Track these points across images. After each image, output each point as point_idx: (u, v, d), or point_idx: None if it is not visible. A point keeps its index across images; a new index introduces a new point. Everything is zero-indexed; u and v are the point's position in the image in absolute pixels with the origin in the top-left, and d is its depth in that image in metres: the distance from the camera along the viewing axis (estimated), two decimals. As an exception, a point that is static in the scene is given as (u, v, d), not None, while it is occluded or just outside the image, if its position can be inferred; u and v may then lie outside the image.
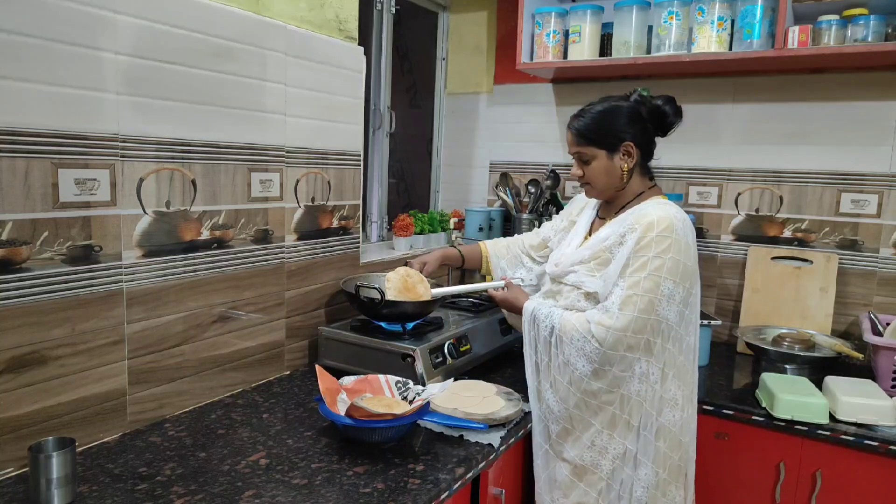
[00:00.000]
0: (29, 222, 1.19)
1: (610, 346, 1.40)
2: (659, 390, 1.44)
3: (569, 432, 1.49)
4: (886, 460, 1.61)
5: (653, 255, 1.38)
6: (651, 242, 1.39)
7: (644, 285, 1.38)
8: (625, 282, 1.40)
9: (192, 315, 1.55)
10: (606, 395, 1.45)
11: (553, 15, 2.37)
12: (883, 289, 2.15)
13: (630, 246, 1.41)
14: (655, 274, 1.38)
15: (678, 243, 1.39)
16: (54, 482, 1.09)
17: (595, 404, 1.46)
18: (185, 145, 1.48)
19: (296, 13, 1.75)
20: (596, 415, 1.46)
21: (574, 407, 1.47)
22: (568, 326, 1.45)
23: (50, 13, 1.18)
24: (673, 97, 1.52)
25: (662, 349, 1.43)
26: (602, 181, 1.53)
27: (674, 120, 1.51)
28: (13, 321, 1.19)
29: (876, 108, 2.12)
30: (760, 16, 2.01)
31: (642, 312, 1.38)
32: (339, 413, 1.36)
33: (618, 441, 1.46)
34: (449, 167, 3.00)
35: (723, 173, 2.39)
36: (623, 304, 1.39)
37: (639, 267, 1.39)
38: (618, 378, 1.44)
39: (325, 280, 1.97)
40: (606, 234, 1.50)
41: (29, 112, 1.17)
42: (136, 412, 1.44)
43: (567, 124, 1.56)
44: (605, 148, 1.50)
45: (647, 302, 1.38)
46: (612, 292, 1.42)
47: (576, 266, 1.54)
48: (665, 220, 1.40)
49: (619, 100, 1.52)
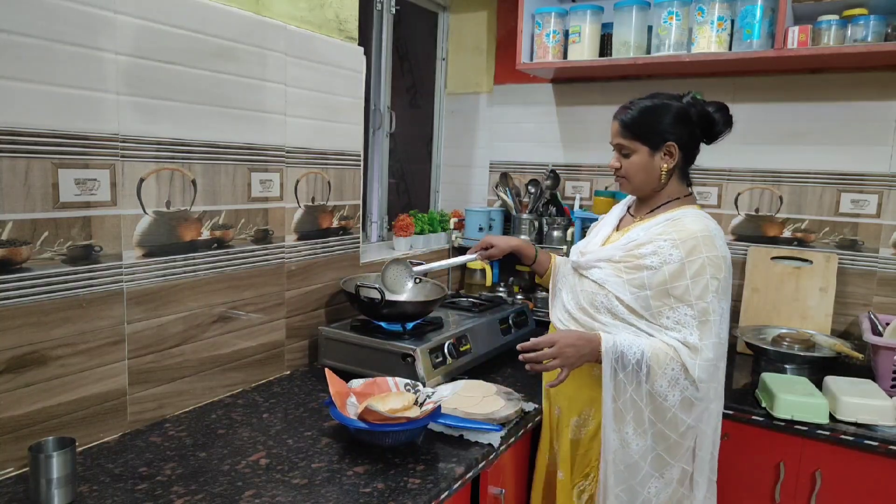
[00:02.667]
0: (29, 222, 1.19)
1: (705, 380, 1.37)
2: (713, 409, 1.44)
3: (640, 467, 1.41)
4: (886, 460, 1.60)
5: (710, 277, 1.37)
6: (706, 265, 1.37)
7: (712, 308, 1.37)
8: (693, 309, 1.37)
9: (192, 315, 1.55)
10: (686, 430, 1.41)
11: (553, 15, 2.37)
12: (883, 289, 2.15)
13: (676, 265, 1.37)
14: (715, 295, 1.37)
15: (726, 261, 1.40)
16: (54, 482, 1.09)
17: (674, 439, 1.40)
18: (185, 145, 1.48)
19: (296, 13, 1.75)
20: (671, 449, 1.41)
21: (655, 442, 1.41)
22: (661, 355, 1.37)
23: (50, 13, 1.18)
24: (726, 106, 1.48)
25: (716, 368, 1.42)
26: (639, 177, 1.48)
27: (722, 129, 1.47)
28: (13, 321, 1.19)
29: (875, 108, 2.12)
30: (760, 16, 2.01)
31: (717, 336, 1.38)
32: (350, 416, 1.36)
33: (676, 466, 1.43)
34: (449, 167, 3.00)
35: (722, 173, 2.39)
36: (702, 334, 1.37)
37: (702, 292, 1.36)
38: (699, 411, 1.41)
39: (325, 280, 1.97)
40: (638, 235, 1.46)
41: (29, 112, 1.17)
42: (136, 412, 1.44)
43: (613, 114, 1.50)
44: (647, 144, 1.45)
45: (718, 325, 1.38)
46: (680, 322, 1.38)
47: (602, 262, 1.49)
48: (709, 238, 1.39)
49: (670, 98, 1.48)
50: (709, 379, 1.38)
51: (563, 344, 1.39)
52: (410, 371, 1.67)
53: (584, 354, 1.39)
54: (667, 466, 1.42)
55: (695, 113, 1.46)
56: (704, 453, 1.44)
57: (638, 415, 1.40)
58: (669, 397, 1.38)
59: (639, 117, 1.46)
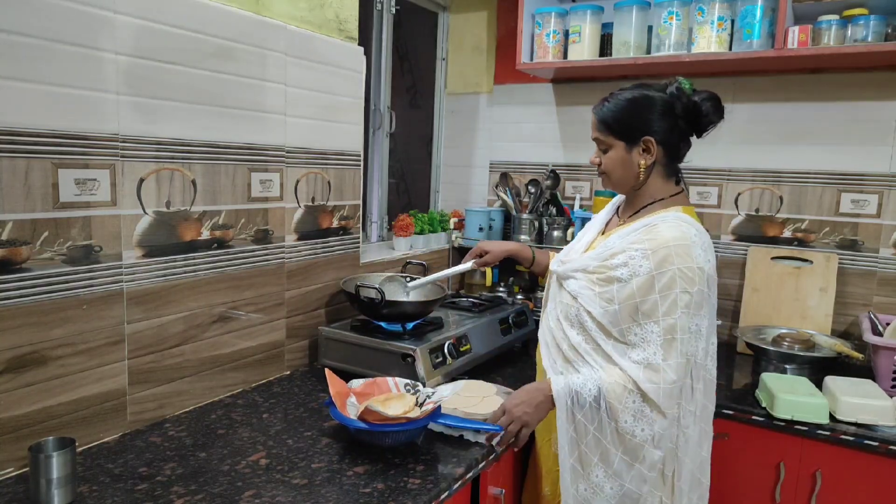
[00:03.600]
0: (29, 222, 1.19)
1: (666, 404, 1.28)
2: (685, 432, 1.35)
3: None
4: (886, 460, 1.60)
5: (680, 291, 1.27)
6: (676, 277, 1.27)
7: (680, 325, 1.27)
8: (659, 326, 1.28)
9: (192, 315, 1.55)
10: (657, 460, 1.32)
11: (553, 15, 2.37)
12: (883, 289, 2.15)
13: (645, 277, 1.29)
14: (685, 311, 1.27)
15: (701, 272, 1.28)
16: (54, 482, 1.09)
17: (652, 476, 1.32)
18: (185, 145, 1.48)
19: (296, 13, 1.75)
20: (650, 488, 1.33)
21: (630, 482, 1.32)
22: (617, 389, 1.30)
23: (50, 13, 1.18)
24: (717, 95, 1.37)
25: (692, 390, 1.34)
26: (617, 173, 1.41)
27: (712, 119, 1.37)
28: (13, 321, 1.19)
29: (876, 108, 2.12)
30: (760, 16, 2.01)
31: (683, 356, 1.29)
32: (350, 417, 1.36)
33: (656, 495, 1.35)
34: (449, 167, 3.00)
35: (723, 173, 2.39)
36: (666, 353, 1.28)
37: (669, 308, 1.27)
38: (671, 437, 1.32)
39: (325, 280, 1.97)
40: (615, 243, 1.37)
41: (29, 112, 1.17)
42: (136, 412, 1.44)
43: (593, 107, 1.44)
44: (623, 139, 1.37)
45: (685, 343, 1.28)
46: (646, 339, 1.29)
47: (578, 273, 1.42)
48: (684, 248, 1.28)
49: (653, 89, 1.38)
50: (669, 403, 1.29)
51: (512, 406, 1.39)
52: (410, 371, 1.67)
53: (539, 403, 1.38)
54: (639, 500, 1.34)
55: (679, 105, 1.35)
56: (683, 483, 1.36)
57: (604, 455, 1.32)
58: (637, 433, 1.30)
59: (616, 111, 1.38)
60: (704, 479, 1.43)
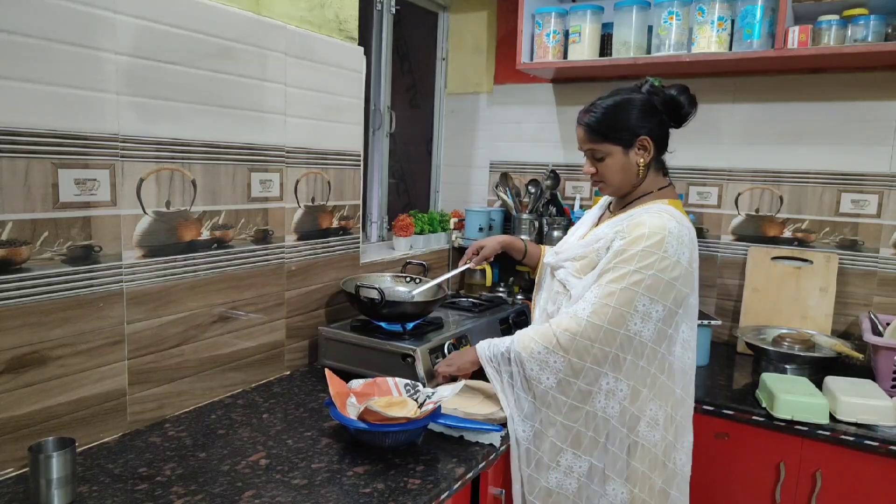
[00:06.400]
0: (29, 222, 1.19)
1: (576, 355, 1.35)
2: (630, 408, 1.38)
3: (533, 454, 1.42)
4: (886, 460, 1.60)
5: (633, 269, 1.33)
6: (635, 256, 1.33)
7: (619, 297, 1.33)
8: (600, 290, 1.35)
9: (192, 315, 1.55)
10: (571, 413, 1.39)
11: (553, 15, 2.37)
12: (883, 289, 2.15)
13: (612, 252, 1.37)
14: (632, 288, 1.32)
15: (665, 261, 1.33)
16: (54, 482, 1.09)
17: (560, 422, 1.39)
18: (185, 145, 1.48)
19: (296, 13, 1.75)
20: (560, 434, 1.40)
21: (539, 424, 1.41)
22: (526, 341, 1.40)
23: (49, 13, 1.18)
24: (686, 86, 1.45)
25: (634, 366, 1.37)
26: (617, 178, 1.46)
27: (689, 110, 1.44)
28: (13, 321, 1.19)
29: (876, 108, 2.12)
30: (760, 16, 2.01)
31: (612, 325, 1.33)
32: (350, 417, 1.36)
33: (583, 458, 1.40)
34: (449, 167, 3.00)
35: (723, 173, 2.39)
36: (593, 313, 1.34)
37: (616, 278, 1.34)
38: (583, 392, 1.38)
39: (325, 280, 1.97)
40: (604, 233, 1.45)
41: (29, 112, 1.17)
42: (136, 412, 1.44)
43: (577, 119, 1.49)
44: (619, 143, 1.42)
45: (618, 315, 1.33)
46: (585, 297, 1.38)
47: (568, 262, 1.49)
48: (657, 234, 1.34)
49: (629, 91, 1.44)
50: (579, 355, 1.35)
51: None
52: (410, 371, 1.67)
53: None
54: (561, 453, 1.40)
55: (658, 101, 1.43)
56: (617, 449, 1.38)
57: (519, 402, 1.43)
58: (543, 380, 1.39)
59: (604, 118, 1.43)
60: (671, 465, 1.42)
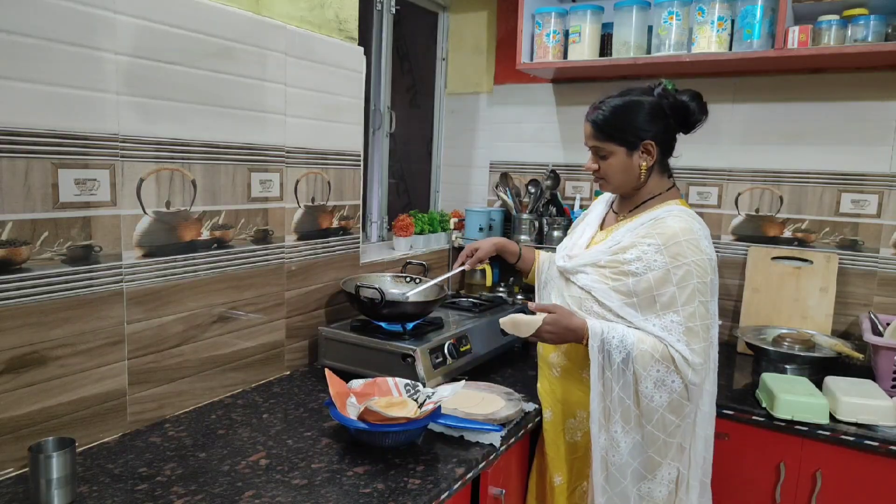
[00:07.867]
0: (29, 222, 1.19)
1: (697, 382, 1.37)
2: (706, 411, 1.45)
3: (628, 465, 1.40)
4: (886, 460, 1.60)
5: (697, 282, 1.35)
6: (692, 271, 1.35)
7: (699, 313, 1.36)
8: (679, 316, 1.35)
9: (192, 315, 1.55)
10: (675, 429, 1.40)
11: (553, 15, 2.37)
12: (883, 289, 2.15)
13: (661, 271, 1.35)
14: (703, 300, 1.36)
15: (711, 262, 1.38)
16: (54, 482, 1.09)
17: (664, 439, 1.39)
18: (185, 145, 1.48)
19: (296, 13, 1.75)
20: (661, 450, 1.40)
21: (643, 439, 1.39)
22: (646, 357, 1.35)
23: (49, 13, 1.18)
24: (699, 93, 1.45)
25: (708, 370, 1.43)
26: (618, 178, 1.46)
27: (699, 117, 1.44)
28: (13, 321, 1.19)
29: (876, 108, 2.12)
30: (760, 16, 2.01)
31: (705, 340, 1.37)
32: (350, 417, 1.36)
33: (672, 465, 1.42)
34: (449, 167, 3.00)
35: (723, 173, 2.38)
36: (691, 340, 1.35)
37: (688, 298, 1.35)
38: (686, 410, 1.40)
39: (325, 280, 1.97)
40: (623, 237, 1.44)
41: (29, 112, 1.17)
42: (136, 412, 1.44)
43: (585, 115, 1.48)
44: (624, 145, 1.42)
45: (705, 328, 1.37)
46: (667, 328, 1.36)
47: (588, 267, 1.47)
48: (693, 241, 1.36)
49: (641, 94, 1.44)
50: (700, 382, 1.38)
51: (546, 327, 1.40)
52: (410, 371, 1.67)
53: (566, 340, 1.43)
54: (659, 467, 1.40)
55: (668, 105, 1.42)
56: (696, 455, 1.44)
57: (626, 413, 1.38)
58: (656, 398, 1.36)
59: (612, 117, 1.42)
60: (709, 456, 1.50)
